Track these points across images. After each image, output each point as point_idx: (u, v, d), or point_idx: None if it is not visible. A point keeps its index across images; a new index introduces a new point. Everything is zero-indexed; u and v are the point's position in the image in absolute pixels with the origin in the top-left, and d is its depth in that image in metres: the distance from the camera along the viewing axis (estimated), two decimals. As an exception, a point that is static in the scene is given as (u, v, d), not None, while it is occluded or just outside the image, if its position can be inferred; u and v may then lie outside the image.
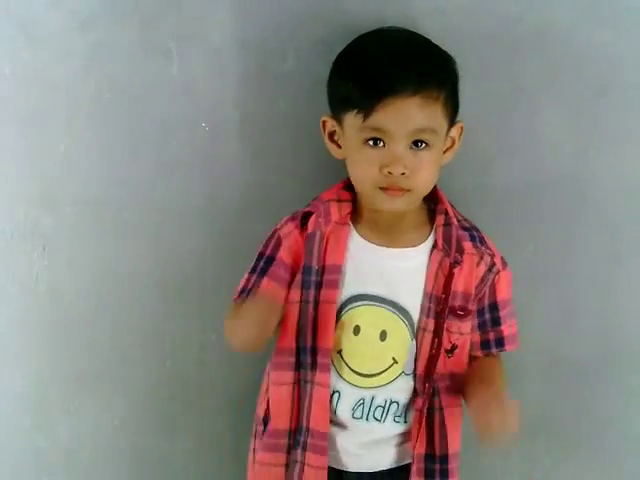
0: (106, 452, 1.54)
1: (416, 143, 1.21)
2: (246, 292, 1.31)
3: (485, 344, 1.35)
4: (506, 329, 1.34)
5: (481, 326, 1.34)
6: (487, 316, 1.34)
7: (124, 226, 1.48)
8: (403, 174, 1.21)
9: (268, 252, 1.32)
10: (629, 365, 1.47)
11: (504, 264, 1.33)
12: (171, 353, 1.51)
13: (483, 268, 1.31)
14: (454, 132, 1.28)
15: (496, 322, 1.34)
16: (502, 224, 1.42)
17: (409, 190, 1.23)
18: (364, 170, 1.23)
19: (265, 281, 1.30)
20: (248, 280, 1.32)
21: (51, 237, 1.48)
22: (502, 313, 1.34)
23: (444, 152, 1.28)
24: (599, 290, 1.47)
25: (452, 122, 1.26)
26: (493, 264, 1.31)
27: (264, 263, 1.32)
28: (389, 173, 1.21)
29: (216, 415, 1.51)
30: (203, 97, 1.43)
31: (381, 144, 1.21)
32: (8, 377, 1.53)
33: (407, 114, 1.19)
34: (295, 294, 1.30)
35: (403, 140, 1.20)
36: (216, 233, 1.48)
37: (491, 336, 1.34)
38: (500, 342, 1.35)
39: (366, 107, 1.19)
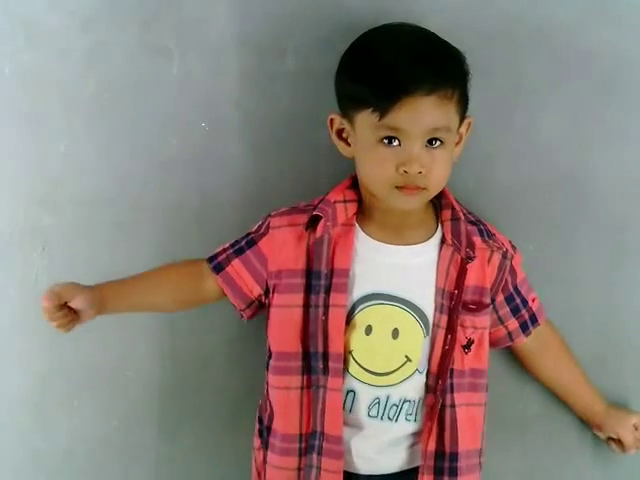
0: (105, 453, 1.54)
1: (431, 141, 1.21)
2: (214, 262, 1.34)
3: (524, 326, 1.38)
4: (533, 304, 1.38)
5: (515, 311, 1.37)
6: (517, 300, 1.36)
7: (124, 226, 1.48)
8: (420, 173, 1.21)
9: (252, 235, 1.34)
10: (630, 365, 1.47)
11: (514, 248, 1.36)
12: (171, 353, 1.51)
13: (498, 258, 1.32)
14: (463, 128, 1.28)
15: (525, 302, 1.37)
16: (503, 223, 1.41)
17: (424, 188, 1.23)
18: (379, 169, 1.23)
19: (236, 263, 1.33)
20: (224, 250, 1.35)
21: (51, 237, 1.49)
22: (524, 292, 1.37)
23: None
24: (600, 290, 1.46)
25: (462, 119, 1.27)
26: (506, 251, 1.33)
27: (245, 243, 1.34)
28: (405, 172, 1.21)
29: (216, 415, 1.50)
30: (203, 96, 1.43)
31: (396, 142, 1.21)
32: (7, 377, 1.53)
33: (423, 114, 1.19)
34: (297, 298, 1.30)
35: (419, 139, 1.20)
36: (217, 232, 1.47)
37: (526, 316, 1.38)
38: (534, 318, 1.38)
39: (383, 107, 1.19)
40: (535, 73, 1.40)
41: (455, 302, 1.28)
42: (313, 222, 1.30)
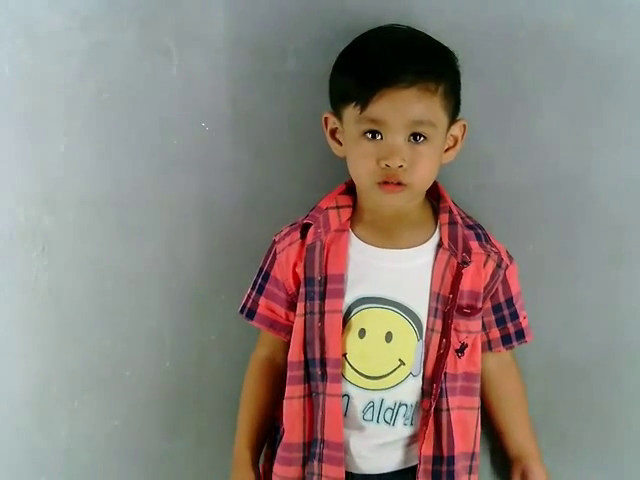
0: (105, 453, 1.54)
1: (415, 136, 1.21)
2: (246, 310, 1.37)
3: (506, 338, 1.36)
4: (523, 321, 1.36)
5: (500, 322, 1.35)
6: (505, 312, 1.34)
7: (124, 226, 1.48)
8: (401, 167, 1.20)
9: (265, 267, 1.36)
10: (630, 365, 1.47)
11: (510, 258, 1.34)
12: (171, 353, 1.51)
13: (492, 265, 1.31)
14: (456, 130, 1.27)
15: (514, 316, 1.35)
16: (502, 224, 1.41)
17: (406, 185, 1.22)
18: (362, 163, 1.23)
19: (263, 301, 1.35)
20: (249, 296, 1.37)
21: (51, 237, 1.49)
22: (517, 306, 1.35)
23: (446, 151, 1.28)
24: (600, 290, 1.46)
25: (453, 118, 1.26)
26: (501, 260, 1.32)
27: (262, 279, 1.36)
28: (386, 166, 1.20)
29: (216, 415, 1.51)
30: (203, 97, 1.43)
31: (379, 137, 1.21)
32: (8, 377, 1.54)
33: (404, 105, 1.19)
34: (300, 307, 1.30)
35: (401, 132, 1.20)
36: (216, 233, 1.48)
37: (511, 330, 1.36)
38: (520, 334, 1.36)
39: (363, 98, 1.19)
40: (534, 74, 1.40)
41: (450, 307, 1.28)
42: (305, 231, 1.30)
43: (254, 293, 1.36)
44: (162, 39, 1.42)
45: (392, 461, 1.31)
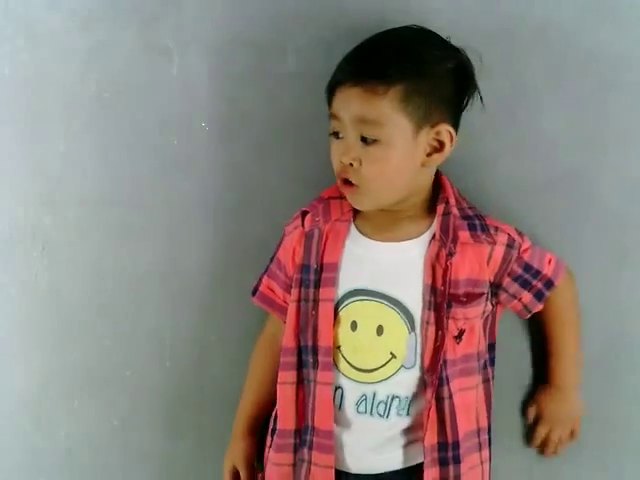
0: (105, 453, 1.54)
1: (364, 138, 1.23)
2: (252, 289, 1.40)
3: (539, 294, 1.35)
4: (547, 270, 1.35)
5: (525, 284, 1.34)
6: (526, 276, 1.34)
7: (124, 226, 1.48)
8: (351, 165, 1.24)
9: (275, 249, 1.39)
10: (631, 365, 1.47)
11: (520, 234, 1.34)
12: (171, 353, 1.51)
13: (500, 251, 1.30)
14: (442, 135, 1.25)
15: (537, 274, 1.34)
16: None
17: (357, 185, 1.25)
18: (333, 161, 1.27)
19: (265, 280, 1.39)
20: (260, 277, 1.41)
21: (51, 237, 1.49)
22: (536, 264, 1.34)
23: (429, 155, 1.26)
24: (602, 290, 1.46)
25: (423, 122, 1.23)
26: (513, 240, 1.32)
27: (270, 260, 1.39)
28: (341, 162, 1.25)
29: (216, 415, 1.51)
30: (203, 97, 1.43)
31: (341, 136, 1.25)
32: (7, 377, 1.54)
33: (349, 102, 1.23)
34: (294, 293, 1.32)
35: (351, 129, 1.23)
36: (216, 233, 1.48)
37: (539, 285, 1.35)
38: (549, 283, 1.35)
39: (329, 96, 1.26)
40: (536, 73, 1.40)
41: (441, 299, 1.28)
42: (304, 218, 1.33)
43: (262, 273, 1.40)
44: (162, 39, 1.42)
45: (389, 461, 1.31)
